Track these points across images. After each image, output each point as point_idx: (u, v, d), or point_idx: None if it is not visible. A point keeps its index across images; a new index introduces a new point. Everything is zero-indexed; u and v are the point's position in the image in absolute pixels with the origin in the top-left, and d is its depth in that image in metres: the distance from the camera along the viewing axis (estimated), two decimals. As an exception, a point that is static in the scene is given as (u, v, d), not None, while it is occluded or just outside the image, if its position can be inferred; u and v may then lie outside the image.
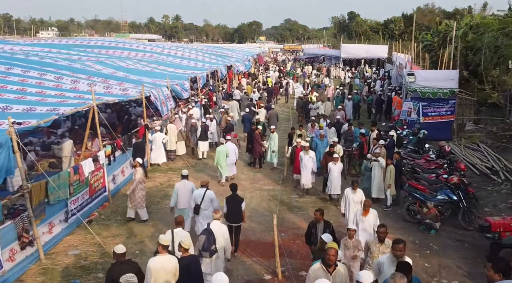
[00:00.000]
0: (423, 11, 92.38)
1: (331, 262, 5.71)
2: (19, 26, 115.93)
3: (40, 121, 9.27)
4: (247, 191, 13.24)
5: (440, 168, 12.88)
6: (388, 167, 11.77)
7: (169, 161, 15.99)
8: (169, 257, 6.25)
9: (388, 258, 5.94)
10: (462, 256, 9.24)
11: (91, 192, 10.96)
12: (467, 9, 73.17)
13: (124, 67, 20.06)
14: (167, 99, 16.63)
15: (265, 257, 9.19)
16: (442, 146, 14.00)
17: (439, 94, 18.83)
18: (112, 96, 13.73)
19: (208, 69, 25.75)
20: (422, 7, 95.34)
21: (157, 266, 6.06)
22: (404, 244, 5.88)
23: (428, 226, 10.36)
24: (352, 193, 9.66)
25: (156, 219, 11.06)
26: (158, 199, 12.29)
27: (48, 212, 9.32)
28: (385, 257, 6.08)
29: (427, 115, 19.14)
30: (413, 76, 19.01)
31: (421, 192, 10.91)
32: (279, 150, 16.22)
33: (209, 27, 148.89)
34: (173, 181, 13.99)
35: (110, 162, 12.35)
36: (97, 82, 15.41)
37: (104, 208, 11.65)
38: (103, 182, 11.58)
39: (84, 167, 10.42)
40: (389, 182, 11.69)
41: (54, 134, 16.59)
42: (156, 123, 16.73)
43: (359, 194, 9.70)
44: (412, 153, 14.78)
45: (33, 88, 12.65)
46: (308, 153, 12.79)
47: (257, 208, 11.96)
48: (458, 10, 75.75)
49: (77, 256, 9.07)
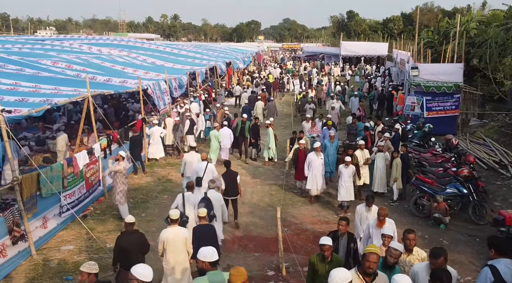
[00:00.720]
0: (422, 10, 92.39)
1: (371, 270, 4.52)
2: (17, 25, 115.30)
3: (31, 110, 8.84)
4: (248, 186, 12.82)
5: (447, 161, 12.49)
6: (394, 160, 11.35)
7: (167, 156, 15.55)
8: (179, 228, 6.67)
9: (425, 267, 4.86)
10: (474, 251, 8.83)
11: (88, 186, 10.53)
12: (466, 8, 73.18)
13: (121, 61, 19.68)
14: (164, 93, 16.20)
15: (268, 253, 8.78)
16: (449, 139, 13.59)
17: (444, 88, 18.46)
18: (108, 88, 13.29)
19: (207, 65, 25.31)
20: (421, 6, 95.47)
21: (169, 236, 6.49)
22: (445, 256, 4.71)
23: (437, 221, 9.94)
24: (366, 211, 7.70)
25: (154, 214, 10.61)
26: (156, 194, 11.83)
27: (42, 206, 8.88)
28: (422, 265, 4.98)
29: (431, 109, 18.74)
30: (417, 70, 18.62)
31: (429, 186, 10.51)
32: (279, 145, 15.86)
33: (207, 27, 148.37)
34: (171, 176, 13.58)
35: (106, 155, 11.90)
36: (95, 75, 15.07)
37: (99, 203, 11.21)
38: (98, 176, 11.14)
39: (78, 160, 9.98)
40: (395, 175, 11.27)
41: (50, 130, 16.21)
42: (154, 117, 16.30)
43: (374, 211, 7.62)
44: (418, 147, 14.41)
45: (27, 83, 12.25)
46: (320, 155, 11.42)
47: (259, 203, 11.54)
48: (457, 9, 75.66)
49: (70, 251, 8.63)
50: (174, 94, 17.67)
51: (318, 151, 11.36)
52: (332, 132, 13.00)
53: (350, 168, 10.56)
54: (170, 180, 13.11)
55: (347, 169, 10.56)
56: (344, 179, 10.58)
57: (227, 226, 9.64)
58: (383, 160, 11.78)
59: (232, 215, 9.90)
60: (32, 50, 20.73)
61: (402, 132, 14.62)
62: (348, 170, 10.56)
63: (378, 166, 11.72)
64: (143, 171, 13.76)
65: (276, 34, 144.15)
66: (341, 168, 10.70)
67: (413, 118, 18.33)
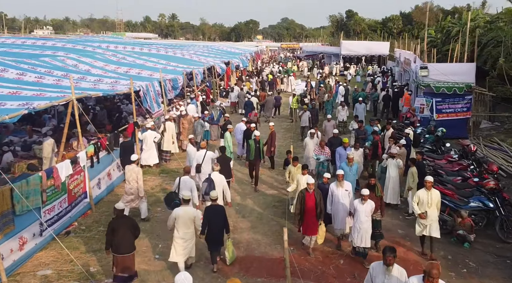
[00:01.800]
0: (421, 9, 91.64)
1: None
2: (14, 25, 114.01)
3: (5, 117, 7.78)
4: (248, 196, 11.79)
5: (465, 169, 11.50)
6: (410, 169, 10.28)
7: (162, 162, 14.50)
8: (189, 208, 7.77)
9: None
10: (506, 276, 7.80)
11: (70, 199, 9.46)
12: (466, 7, 72.42)
13: (114, 61, 18.60)
14: (158, 95, 15.16)
15: (273, 277, 7.74)
16: (466, 145, 12.56)
17: (455, 89, 17.44)
18: (97, 90, 12.24)
19: (205, 64, 24.25)
20: (421, 5, 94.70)
21: (180, 213, 7.56)
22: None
23: (461, 239, 8.91)
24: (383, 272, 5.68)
25: (144, 231, 9.48)
26: (148, 206, 10.74)
27: (18, 224, 7.84)
28: None
29: (441, 111, 17.73)
30: (426, 70, 17.62)
31: (450, 198, 9.49)
32: (280, 149, 15.12)
33: (205, 26, 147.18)
34: (165, 185, 12.53)
35: (93, 164, 10.83)
36: (85, 75, 14.03)
37: (85, 217, 10.15)
38: (84, 187, 10.08)
39: (59, 170, 8.92)
40: (410, 185, 10.19)
41: (38, 133, 15.11)
42: (147, 120, 15.25)
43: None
44: (430, 153, 13.38)
45: (10, 83, 11.18)
46: (343, 185, 8.80)
47: (261, 217, 10.48)
48: (457, 8, 74.92)
49: (47, 278, 7.57)
50: (168, 95, 16.61)
51: (341, 180, 8.74)
52: (351, 154, 10.56)
53: (368, 204, 7.97)
54: (164, 190, 12.05)
55: (364, 205, 7.93)
56: (360, 219, 7.98)
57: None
58: (396, 168, 10.75)
59: None
60: (22, 50, 19.61)
61: (414, 136, 13.61)
62: (366, 207, 7.94)
63: (390, 175, 10.68)
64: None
65: (274, 34, 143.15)
66: (356, 204, 8.07)
67: (423, 121, 17.32)
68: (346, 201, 8.63)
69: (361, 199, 7.94)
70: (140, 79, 15.12)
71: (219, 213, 7.86)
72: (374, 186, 8.56)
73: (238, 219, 10.30)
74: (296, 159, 10.59)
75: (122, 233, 7.10)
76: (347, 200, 8.64)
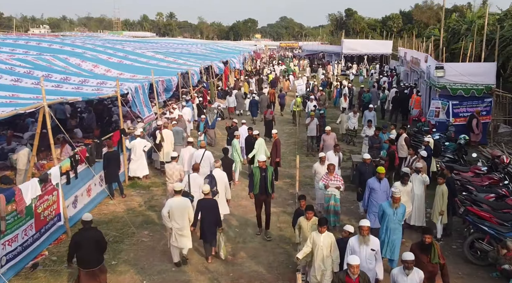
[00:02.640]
0: (421, 8, 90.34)
1: None
2: (10, 23, 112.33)
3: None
4: (249, 214, 10.29)
5: (496, 184, 10.05)
6: (439, 187, 8.80)
7: (157, 173, 13.03)
8: (182, 198, 7.82)
9: None
10: None
11: (38, 224, 7.96)
12: (466, 6, 71.09)
13: (104, 60, 17.08)
14: (149, 98, 13.67)
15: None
16: (497, 155, 11.07)
17: (473, 91, 15.99)
18: (77, 95, 10.75)
19: (202, 64, 22.73)
20: (421, 4, 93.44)
21: (173, 204, 7.68)
22: None
23: (506, 274, 7.44)
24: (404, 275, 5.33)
25: (128, 262, 8.02)
26: (134, 229, 9.24)
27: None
28: None
29: (458, 115, 16.33)
30: (443, 70, 16.14)
31: (489, 224, 8.01)
32: (284, 157, 13.49)
33: (203, 25, 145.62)
34: (155, 201, 11.05)
35: (70, 180, 9.30)
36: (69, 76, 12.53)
37: (58, 244, 8.64)
38: (57, 209, 8.58)
39: (23, 192, 7.42)
40: (441, 207, 8.70)
41: (19, 139, 13.52)
42: (138, 124, 13.75)
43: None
44: (452, 164, 11.89)
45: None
46: (369, 242, 6.29)
47: (265, 242, 8.99)
48: (457, 7, 73.67)
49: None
50: (159, 98, 15.13)
51: (366, 234, 6.26)
52: (398, 192, 7.29)
53: (415, 275, 5.69)
54: (154, 207, 10.56)
55: (408, 277, 5.67)
56: None
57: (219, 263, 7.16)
58: (422, 184, 9.26)
59: None
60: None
61: (434, 145, 12.14)
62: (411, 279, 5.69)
63: (415, 193, 9.14)
64: (121, 195, 11.24)
65: (273, 33, 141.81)
66: (396, 276, 5.76)
67: (438, 126, 15.88)
68: (371, 266, 6.26)
69: (404, 267, 5.67)
70: (128, 80, 13.65)
71: (211, 206, 7.93)
72: (429, 246, 6.03)
73: (237, 245, 8.83)
74: (311, 209, 7.20)
75: (86, 246, 6.54)
76: (372, 265, 6.27)
